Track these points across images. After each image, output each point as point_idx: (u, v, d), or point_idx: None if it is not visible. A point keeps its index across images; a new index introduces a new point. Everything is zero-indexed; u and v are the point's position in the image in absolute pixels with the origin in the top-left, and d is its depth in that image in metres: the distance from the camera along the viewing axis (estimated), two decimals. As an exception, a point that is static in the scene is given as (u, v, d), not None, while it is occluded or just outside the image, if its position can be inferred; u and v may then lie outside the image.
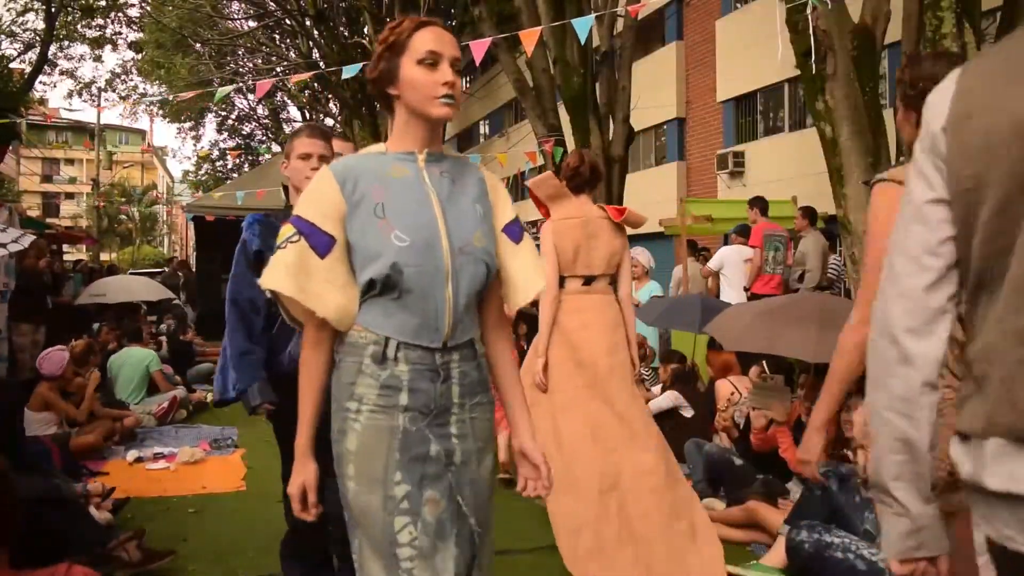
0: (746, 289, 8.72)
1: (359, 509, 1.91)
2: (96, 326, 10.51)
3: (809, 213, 9.09)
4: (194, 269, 18.26)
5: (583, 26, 8.09)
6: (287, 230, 1.96)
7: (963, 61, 1.80)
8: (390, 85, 2.02)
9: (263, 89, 13.98)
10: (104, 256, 40.95)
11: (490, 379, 2.14)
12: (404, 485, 1.89)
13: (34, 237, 7.93)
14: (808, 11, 6.73)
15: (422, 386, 1.93)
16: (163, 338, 10.67)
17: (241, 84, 23.63)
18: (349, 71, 8.86)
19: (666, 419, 6.34)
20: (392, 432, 1.91)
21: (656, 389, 6.70)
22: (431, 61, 1.95)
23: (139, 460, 6.15)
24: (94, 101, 29.98)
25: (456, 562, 1.89)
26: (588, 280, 4.05)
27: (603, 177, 4.11)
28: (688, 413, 6.34)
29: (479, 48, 8.16)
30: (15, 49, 23.18)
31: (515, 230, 2.17)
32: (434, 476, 1.93)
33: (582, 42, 11.00)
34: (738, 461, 5.15)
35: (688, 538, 3.75)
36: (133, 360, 7.88)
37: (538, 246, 3.31)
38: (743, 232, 9.29)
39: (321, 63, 19.44)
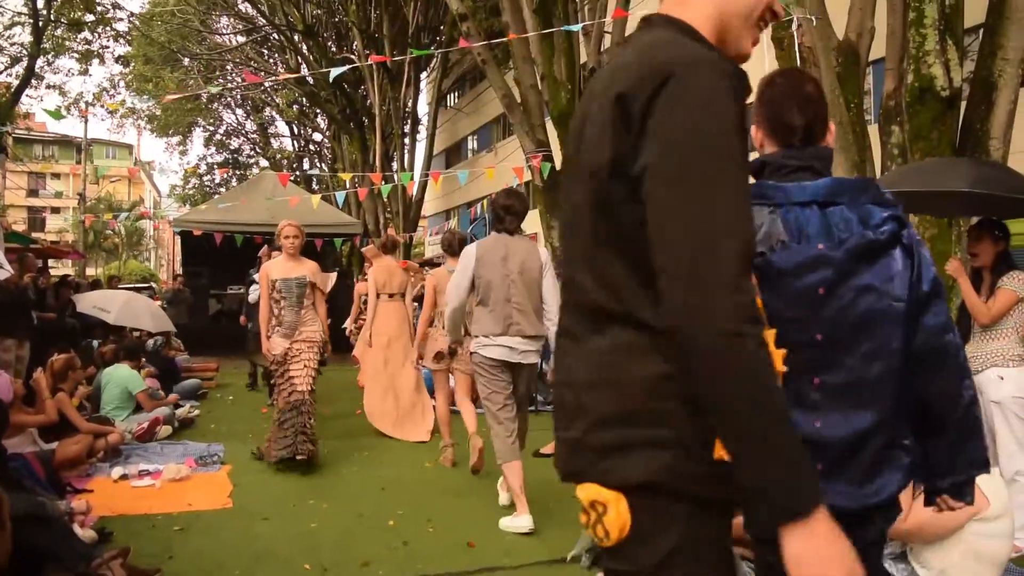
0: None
1: None
2: (96, 343, 10.41)
3: None
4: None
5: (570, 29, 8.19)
6: None
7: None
8: None
9: (252, 79, 13.99)
10: (90, 271, 40.72)
11: None
12: None
13: (9, 273, 7.77)
14: (793, 28, 6.79)
15: None
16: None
17: (232, 87, 23.60)
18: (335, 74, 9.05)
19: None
20: None
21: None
22: None
23: (124, 477, 6.08)
24: (81, 115, 29.82)
25: None
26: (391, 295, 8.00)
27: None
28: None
29: (466, 45, 8.28)
30: (2, 63, 23.14)
31: None
32: None
33: (567, 29, 11.03)
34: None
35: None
36: (117, 378, 7.80)
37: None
38: None
39: (309, 79, 19.45)
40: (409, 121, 27.54)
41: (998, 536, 3.38)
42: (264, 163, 39.43)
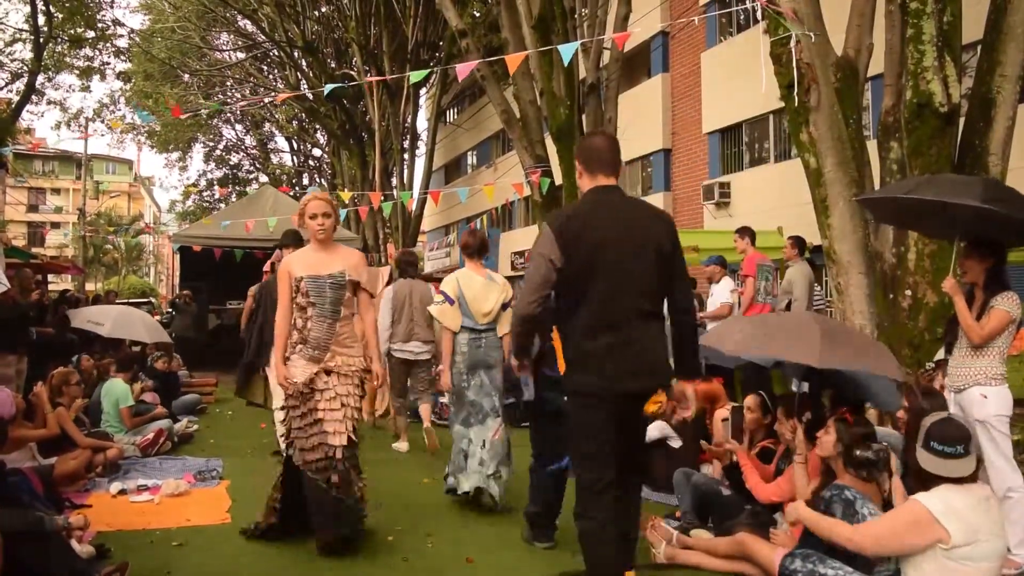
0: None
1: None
2: (76, 357, 10.37)
3: (798, 243, 9.13)
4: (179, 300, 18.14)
5: (568, 52, 8.22)
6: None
7: None
8: None
9: (252, 101, 13.98)
10: (89, 286, 40.70)
11: None
12: None
13: (6, 287, 7.69)
14: (792, 44, 6.82)
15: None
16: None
17: (232, 104, 23.64)
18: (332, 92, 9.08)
19: (655, 449, 6.32)
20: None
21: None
22: None
23: (122, 492, 6.06)
24: (82, 130, 29.91)
25: None
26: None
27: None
28: (676, 443, 6.32)
29: (464, 70, 8.36)
30: (2, 79, 23.19)
31: None
32: None
33: (565, 63, 11.11)
34: (726, 492, 5.14)
35: None
36: (111, 393, 7.77)
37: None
38: (721, 263, 9.31)
39: (309, 94, 19.52)
40: (408, 136, 27.61)
41: (973, 559, 3.34)
42: (264, 178, 39.50)
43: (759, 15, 7.25)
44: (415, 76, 9.31)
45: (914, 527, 3.40)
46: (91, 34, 22.45)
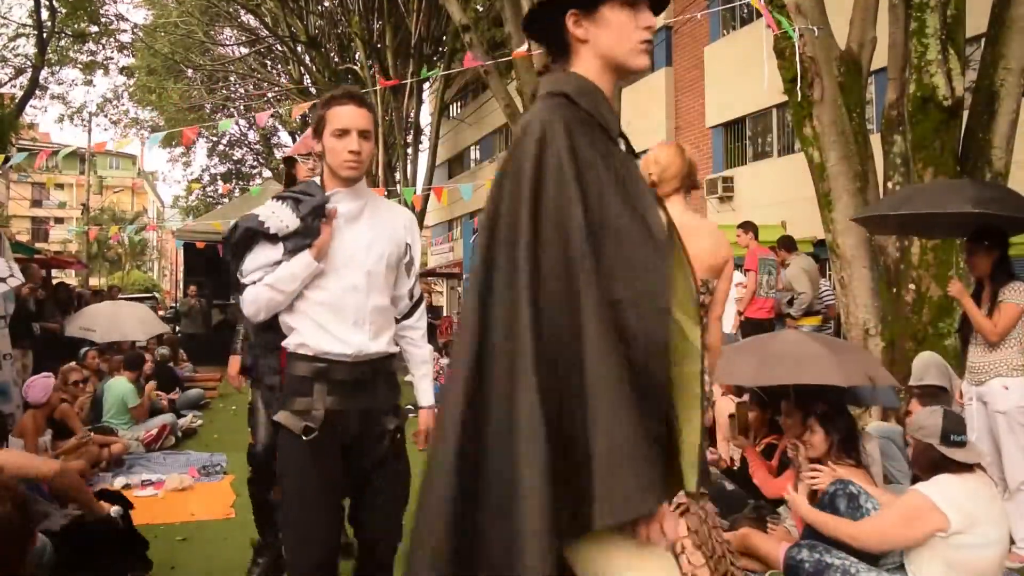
0: (739, 313, 8.71)
1: None
2: (82, 351, 10.40)
3: (785, 243, 8.96)
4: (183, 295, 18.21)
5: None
6: None
7: None
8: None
9: (262, 120, 14.02)
10: (93, 281, 40.77)
11: None
12: None
13: (20, 281, 7.67)
14: (795, 38, 6.80)
15: None
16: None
17: (239, 116, 23.64)
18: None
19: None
20: None
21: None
22: None
23: (126, 487, 6.08)
24: (85, 125, 29.99)
25: None
26: None
27: None
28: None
29: (470, 64, 8.40)
30: (6, 74, 23.22)
31: None
32: None
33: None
34: (729, 486, 5.14)
35: None
36: (115, 391, 7.79)
37: None
38: None
39: (312, 89, 19.53)
40: (411, 131, 27.59)
41: (973, 547, 3.34)
42: (267, 173, 39.47)
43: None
44: (425, 74, 9.31)
45: (915, 516, 3.41)
46: (94, 29, 22.47)
